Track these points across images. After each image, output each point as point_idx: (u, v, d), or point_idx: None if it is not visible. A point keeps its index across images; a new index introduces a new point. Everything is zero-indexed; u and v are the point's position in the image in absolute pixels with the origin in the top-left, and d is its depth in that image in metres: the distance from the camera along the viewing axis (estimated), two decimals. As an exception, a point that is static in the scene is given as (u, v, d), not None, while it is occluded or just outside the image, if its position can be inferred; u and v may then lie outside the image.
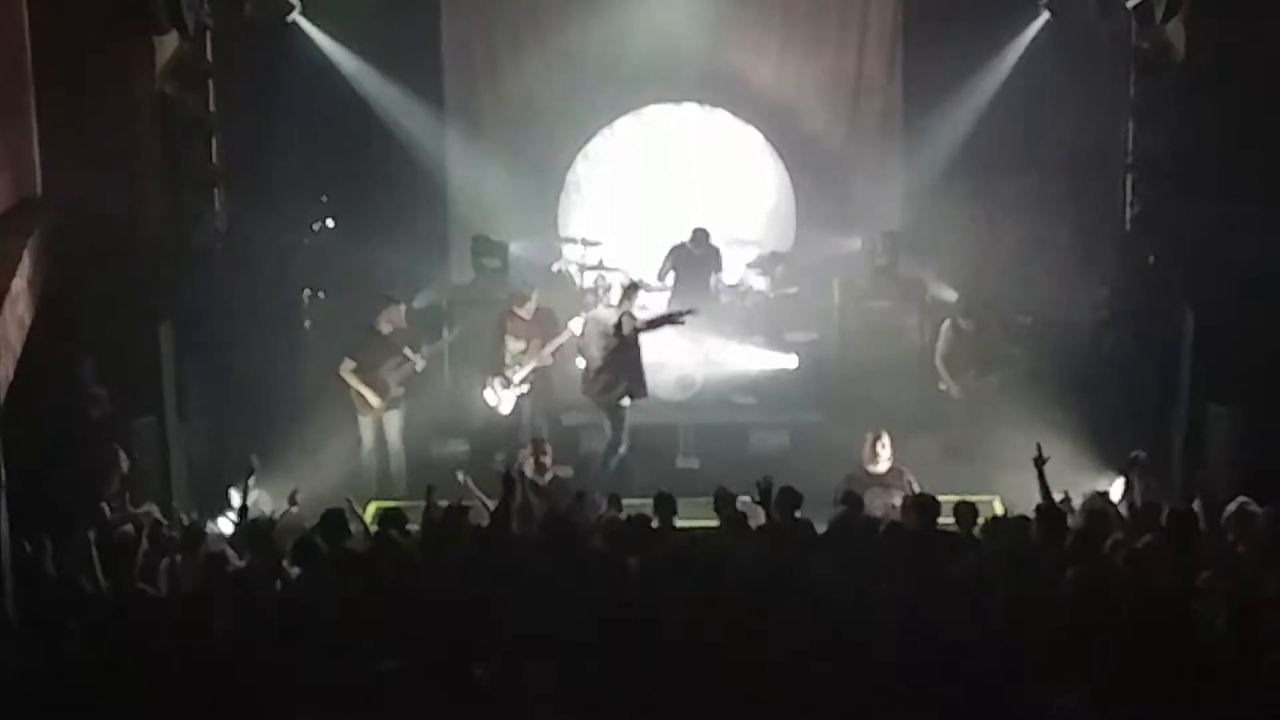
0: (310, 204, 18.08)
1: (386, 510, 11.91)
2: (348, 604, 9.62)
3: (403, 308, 15.67)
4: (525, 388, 15.80)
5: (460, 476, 12.79)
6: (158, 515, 12.56)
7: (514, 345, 15.75)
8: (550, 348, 15.77)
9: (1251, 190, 14.50)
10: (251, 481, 12.58)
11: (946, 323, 16.28)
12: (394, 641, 9.10)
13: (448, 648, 8.90)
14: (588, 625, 9.36)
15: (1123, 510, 12.16)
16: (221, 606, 9.64)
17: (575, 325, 15.92)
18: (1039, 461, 11.84)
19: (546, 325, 15.86)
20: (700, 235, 17.45)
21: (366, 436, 15.63)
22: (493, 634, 9.21)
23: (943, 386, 15.99)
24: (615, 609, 9.58)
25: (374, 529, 11.76)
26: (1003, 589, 9.77)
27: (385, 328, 15.55)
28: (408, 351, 15.49)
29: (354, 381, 15.44)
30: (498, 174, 18.59)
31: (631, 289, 15.38)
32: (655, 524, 11.56)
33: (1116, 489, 13.11)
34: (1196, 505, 11.66)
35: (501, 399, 15.78)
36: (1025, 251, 17.16)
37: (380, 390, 15.44)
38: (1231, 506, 11.08)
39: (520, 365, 15.73)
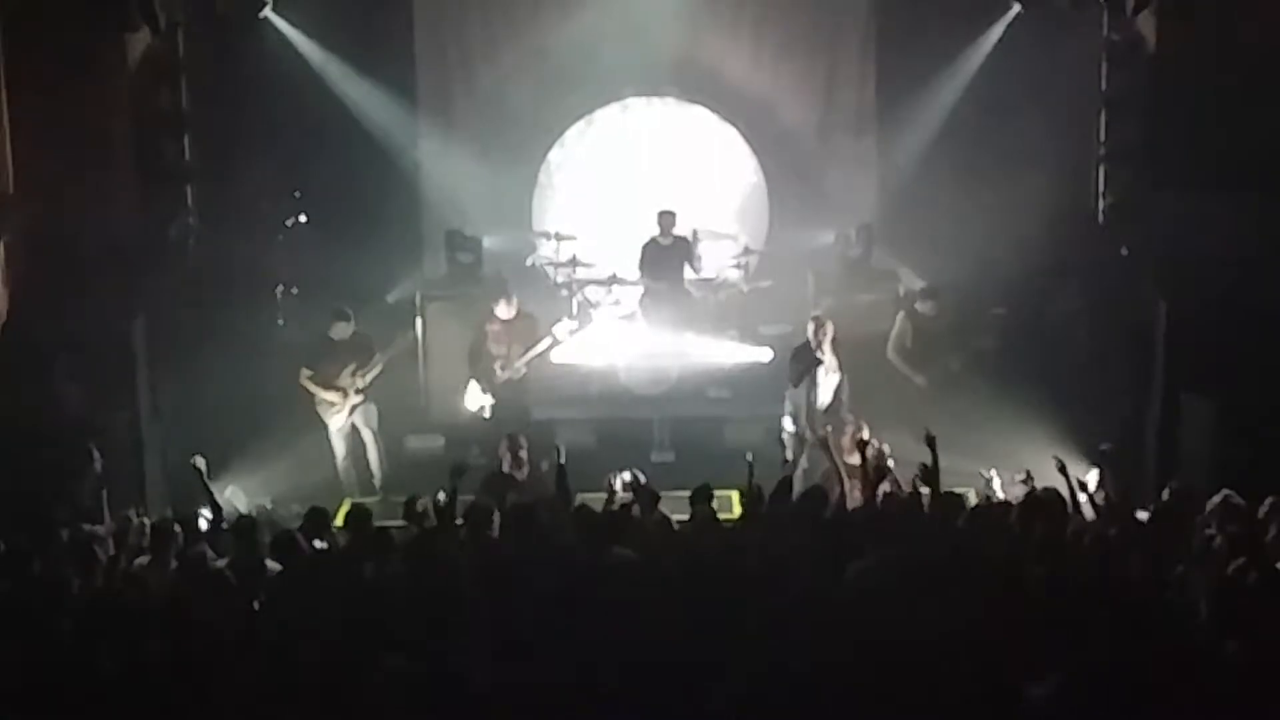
0: (283, 200, 18.03)
1: (354, 508, 11.88)
2: (329, 602, 9.61)
3: (351, 325, 15.54)
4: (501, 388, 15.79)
5: (441, 496, 12.78)
6: (132, 515, 12.51)
7: (495, 349, 15.71)
8: (530, 355, 15.72)
9: (1223, 181, 14.59)
10: (208, 479, 12.50)
11: (900, 314, 16.27)
12: (380, 640, 9.08)
13: (433, 646, 8.90)
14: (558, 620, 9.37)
15: (1098, 500, 12.20)
16: (201, 606, 9.61)
17: (559, 331, 15.95)
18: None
19: (526, 330, 15.82)
20: (666, 219, 17.39)
21: (338, 447, 15.52)
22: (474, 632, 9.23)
23: (918, 380, 15.98)
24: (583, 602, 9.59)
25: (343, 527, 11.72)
26: (978, 578, 9.81)
27: (336, 335, 15.49)
28: (377, 354, 15.45)
29: (313, 387, 15.39)
30: (471, 169, 18.55)
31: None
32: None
33: (1092, 480, 13.16)
34: (1165, 495, 11.74)
35: (483, 403, 15.74)
36: (998, 243, 17.18)
37: (338, 391, 15.37)
38: (1215, 499, 11.10)
39: (501, 369, 15.68)
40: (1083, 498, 11.86)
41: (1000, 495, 12.51)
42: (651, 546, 10.74)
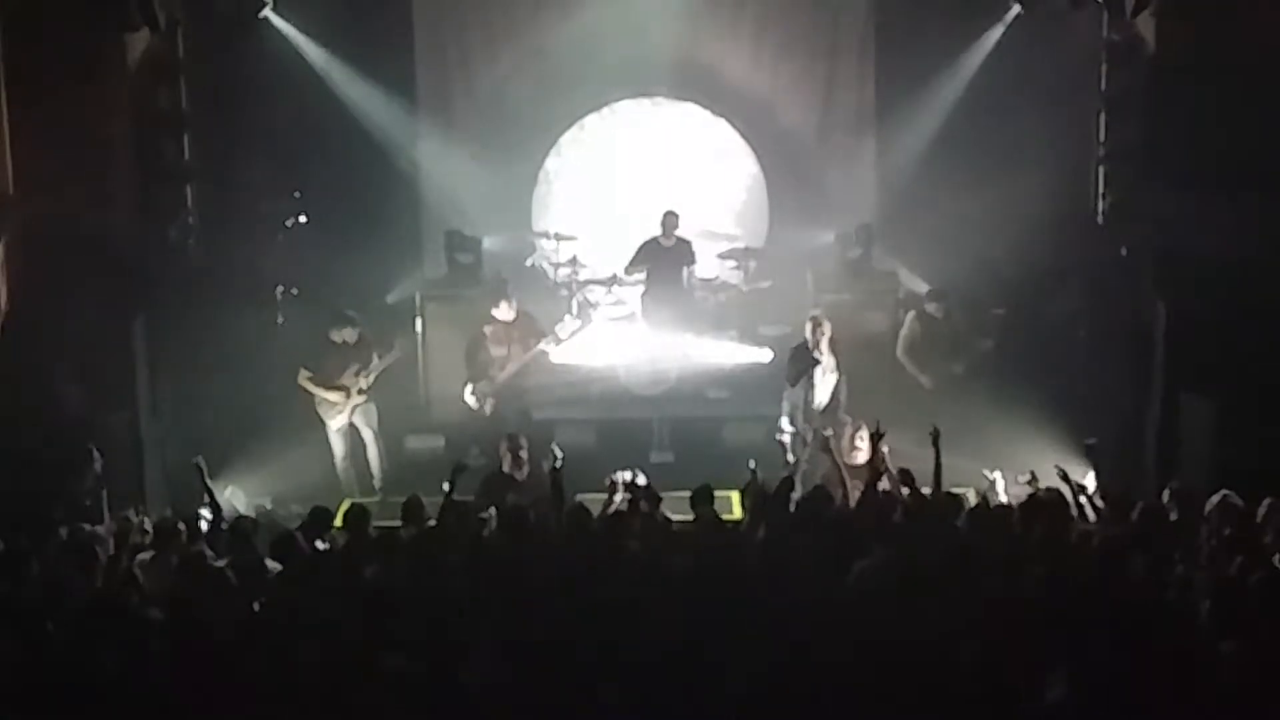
0: (283, 200, 18.01)
1: (353, 508, 11.87)
2: (330, 601, 9.61)
3: (356, 330, 15.50)
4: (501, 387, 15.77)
5: (445, 485, 12.74)
6: (132, 515, 12.51)
7: (495, 350, 15.70)
8: (531, 354, 15.69)
9: (1223, 181, 14.57)
10: (208, 479, 12.49)
11: (910, 314, 16.32)
12: (380, 640, 9.08)
13: (433, 646, 8.90)
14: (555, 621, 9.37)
15: (1098, 503, 12.20)
16: (201, 606, 9.61)
17: (561, 330, 15.92)
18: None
19: (526, 329, 15.79)
20: (670, 220, 17.36)
21: (338, 447, 15.47)
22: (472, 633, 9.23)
23: (923, 381, 15.98)
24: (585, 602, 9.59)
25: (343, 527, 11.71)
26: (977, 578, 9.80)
27: (338, 338, 15.45)
28: (376, 356, 15.40)
29: (313, 388, 15.36)
30: (471, 169, 18.55)
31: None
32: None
33: (1090, 480, 13.17)
34: (1165, 496, 11.73)
35: (483, 402, 15.72)
36: (998, 243, 17.18)
37: (340, 390, 15.33)
38: (1214, 499, 11.10)
39: (501, 369, 15.66)
40: (1083, 500, 11.86)
41: (1003, 497, 12.49)
42: (653, 547, 10.74)
